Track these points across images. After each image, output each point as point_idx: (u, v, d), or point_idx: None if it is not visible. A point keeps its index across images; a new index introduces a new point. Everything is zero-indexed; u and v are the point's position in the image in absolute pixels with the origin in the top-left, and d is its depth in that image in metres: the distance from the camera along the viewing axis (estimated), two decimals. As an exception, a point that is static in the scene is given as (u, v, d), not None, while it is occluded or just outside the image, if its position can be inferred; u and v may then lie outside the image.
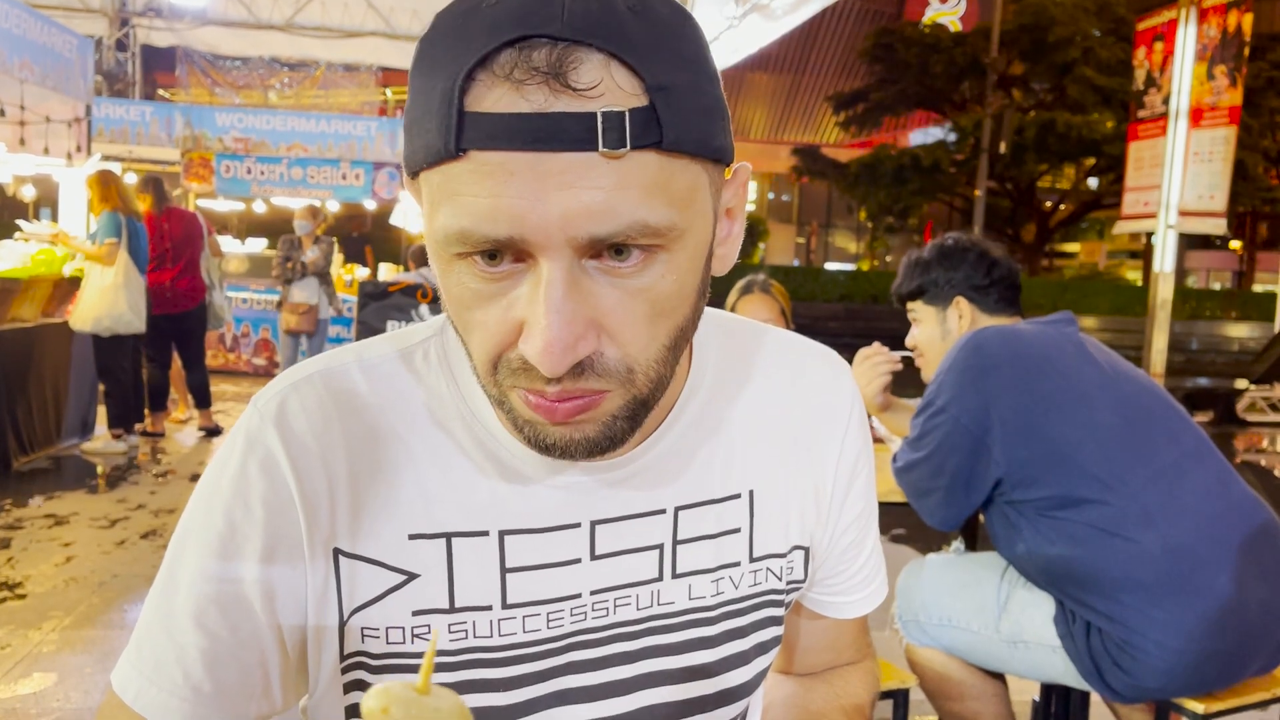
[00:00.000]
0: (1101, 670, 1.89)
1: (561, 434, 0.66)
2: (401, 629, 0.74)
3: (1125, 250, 36.18)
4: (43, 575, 4.03)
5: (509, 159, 0.58)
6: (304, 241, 7.59)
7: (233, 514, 0.72)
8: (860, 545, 0.93)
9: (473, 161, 0.59)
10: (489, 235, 0.60)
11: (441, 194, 0.61)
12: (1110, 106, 23.33)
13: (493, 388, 0.67)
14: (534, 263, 0.61)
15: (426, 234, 0.66)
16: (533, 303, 0.61)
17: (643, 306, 0.63)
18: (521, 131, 0.57)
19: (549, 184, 0.58)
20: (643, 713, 0.80)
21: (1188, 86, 6.97)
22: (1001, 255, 2.25)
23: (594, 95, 0.58)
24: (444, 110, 0.59)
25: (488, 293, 0.63)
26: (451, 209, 0.60)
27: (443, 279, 0.65)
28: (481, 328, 0.64)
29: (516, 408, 0.66)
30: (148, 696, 0.71)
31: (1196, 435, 1.97)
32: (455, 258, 0.63)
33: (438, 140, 0.60)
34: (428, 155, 0.61)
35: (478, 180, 0.59)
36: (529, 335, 0.61)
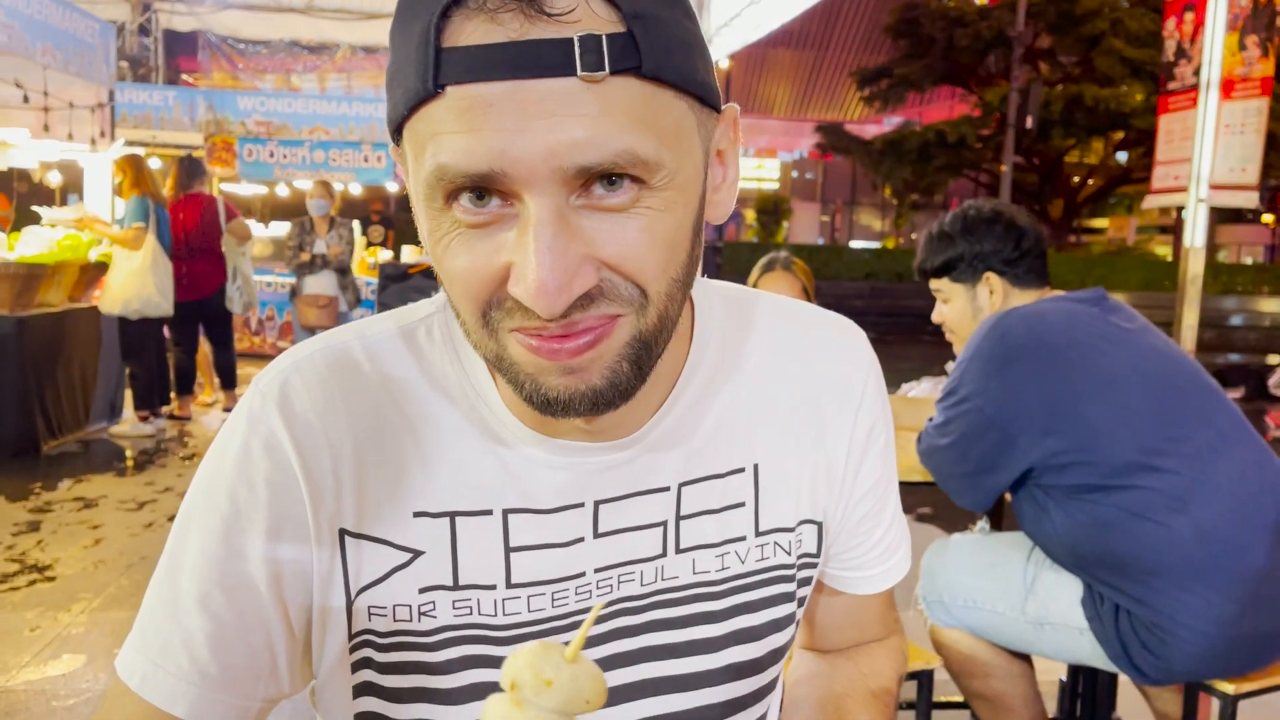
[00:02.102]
0: (1130, 653, 1.86)
1: (564, 385, 0.64)
2: (409, 606, 0.74)
3: (1154, 225, 35.76)
4: (72, 558, 4.07)
5: (487, 90, 0.57)
6: (318, 225, 7.00)
7: (236, 495, 0.71)
8: (877, 518, 0.91)
9: (450, 98, 0.58)
10: (468, 170, 0.58)
11: (424, 137, 0.60)
12: (1139, 79, 23.02)
13: (488, 340, 0.65)
14: (520, 203, 0.60)
15: (413, 193, 0.64)
16: (521, 243, 0.60)
17: (642, 238, 0.62)
18: (498, 62, 0.57)
19: (529, 113, 0.57)
20: (646, 684, 0.79)
21: (1219, 57, 6.85)
22: (1028, 222, 2.16)
23: (570, 21, 0.57)
24: (421, 51, 0.58)
25: (472, 242, 0.62)
26: (433, 149, 0.59)
27: (430, 238, 0.64)
28: (467, 276, 0.62)
29: (516, 359, 0.64)
30: (154, 681, 0.71)
31: (1231, 414, 1.93)
32: (440, 211, 0.61)
33: (416, 82, 0.59)
34: (407, 100, 0.60)
35: (456, 115, 0.58)
36: (519, 276, 0.60)
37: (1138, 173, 24.91)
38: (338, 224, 7.05)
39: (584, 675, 0.53)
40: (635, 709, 0.79)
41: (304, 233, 6.95)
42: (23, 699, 2.86)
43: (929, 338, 14.71)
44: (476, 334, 0.65)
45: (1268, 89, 7.67)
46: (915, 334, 15.21)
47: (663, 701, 0.80)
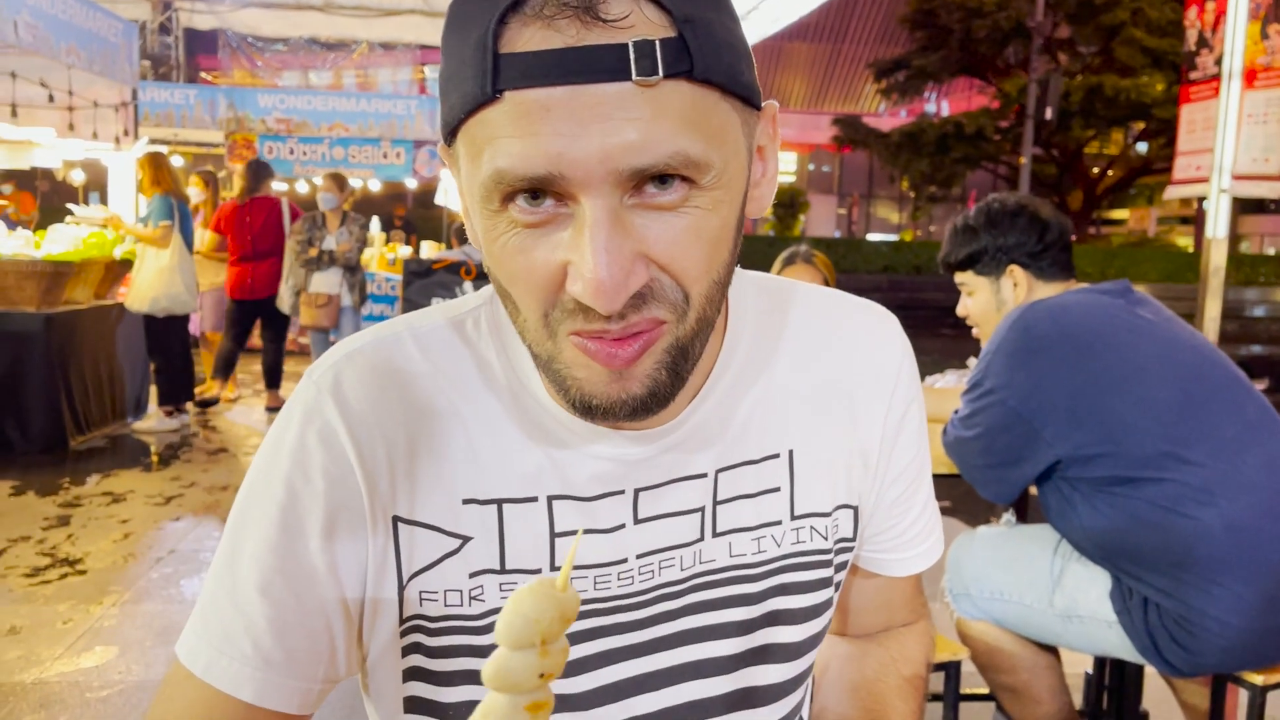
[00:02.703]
0: (1159, 646, 1.86)
1: (608, 393, 0.66)
2: (459, 591, 0.76)
3: (1176, 216, 35.44)
4: (102, 551, 4.12)
5: (545, 95, 0.59)
6: (328, 219, 6.74)
7: (293, 485, 0.73)
8: (910, 499, 0.92)
9: (509, 103, 0.60)
10: (526, 174, 0.60)
11: (480, 141, 0.62)
12: (1160, 69, 22.79)
13: (546, 341, 0.67)
14: (575, 203, 0.62)
15: (467, 194, 0.66)
16: (577, 243, 0.62)
17: (688, 237, 0.64)
18: (556, 66, 0.58)
19: (586, 117, 0.59)
20: (685, 668, 0.81)
21: (1241, 47, 6.79)
22: (1052, 215, 2.17)
23: (624, 26, 0.59)
24: (479, 57, 0.60)
25: (529, 242, 0.63)
26: (491, 153, 0.61)
27: (486, 238, 0.65)
28: (526, 277, 0.64)
29: (570, 361, 0.66)
30: (219, 667, 0.73)
31: (1260, 406, 1.93)
32: (496, 213, 0.63)
33: (474, 87, 0.60)
34: (464, 104, 0.62)
35: (514, 120, 0.60)
36: (577, 275, 0.62)
37: (1158, 163, 24.67)
38: (350, 219, 6.83)
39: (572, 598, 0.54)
40: (675, 693, 0.81)
41: (314, 228, 6.73)
42: (57, 690, 2.90)
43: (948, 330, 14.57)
44: (536, 333, 0.67)
45: (1291, 78, 7.56)
46: (934, 327, 15.14)
47: (701, 685, 0.81)
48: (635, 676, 0.80)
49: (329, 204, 6.73)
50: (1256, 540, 1.78)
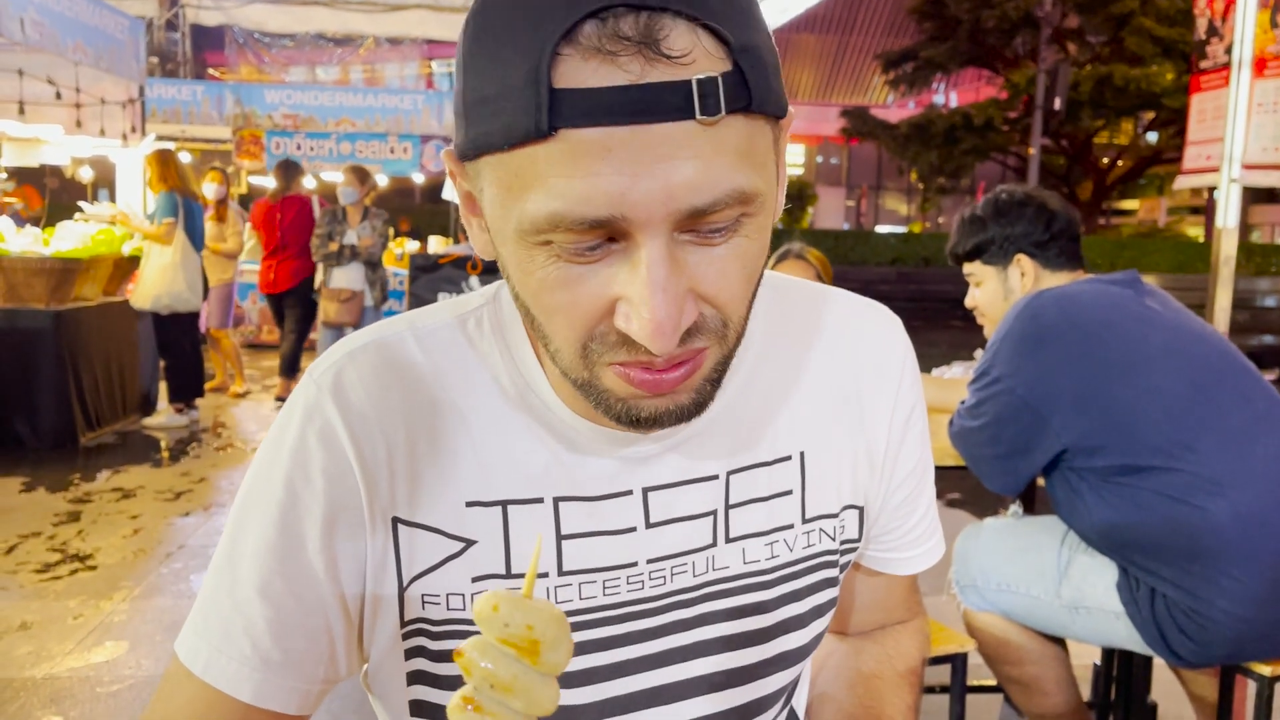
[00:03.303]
0: (1167, 637, 1.85)
1: (657, 405, 0.66)
2: (462, 595, 0.75)
3: (1186, 206, 35.26)
4: (112, 547, 4.14)
5: (607, 135, 0.56)
6: (350, 213, 6.66)
7: (293, 484, 0.73)
8: (915, 501, 0.92)
9: (565, 141, 0.56)
10: (586, 217, 0.57)
11: (525, 177, 0.58)
12: (1170, 58, 22.65)
13: (581, 370, 0.65)
14: (628, 241, 0.60)
15: (497, 220, 0.63)
16: (633, 282, 0.60)
17: (734, 269, 0.63)
18: (619, 105, 0.55)
19: (647, 157, 0.56)
20: (700, 681, 0.80)
21: (1251, 35, 6.74)
22: (1059, 206, 2.17)
23: (687, 62, 0.56)
24: (530, 89, 0.56)
25: (574, 276, 0.61)
26: (542, 193, 0.58)
27: (520, 266, 0.63)
28: (569, 310, 0.62)
29: (610, 387, 0.65)
30: (218, 667, 0.73)
31: (1269, 396, 1.92)
32: (538, 245, 0.60)
33: (523, 120, 0.57)
34: (508, 137, 0.58)
35: (572, 160, 0.57)
36: (634, 315, 0.60)
37: (1168, 153, 24.56)
38: (371, 214, 6.76)
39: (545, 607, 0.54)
40: (688, 707, 0.80)
41: (334, 222, 6.65)
42: (68, 685, 2.92)
43: (957, 323, 14.55)
44: (569, 361, 0.65)
45: (1302, 66, 7.52)
46: (943, 319, 15.10)
47: (715, 699, 0.81)
48: (647, 690, 0.79)
49: (350, 198, 6.66)
50: (1265, 531, 1.77)
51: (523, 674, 0.53)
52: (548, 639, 0.53)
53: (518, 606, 0.53)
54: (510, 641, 0.53)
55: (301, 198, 7.39)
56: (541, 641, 0.53)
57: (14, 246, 5.81)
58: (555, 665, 0.54)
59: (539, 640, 0.53)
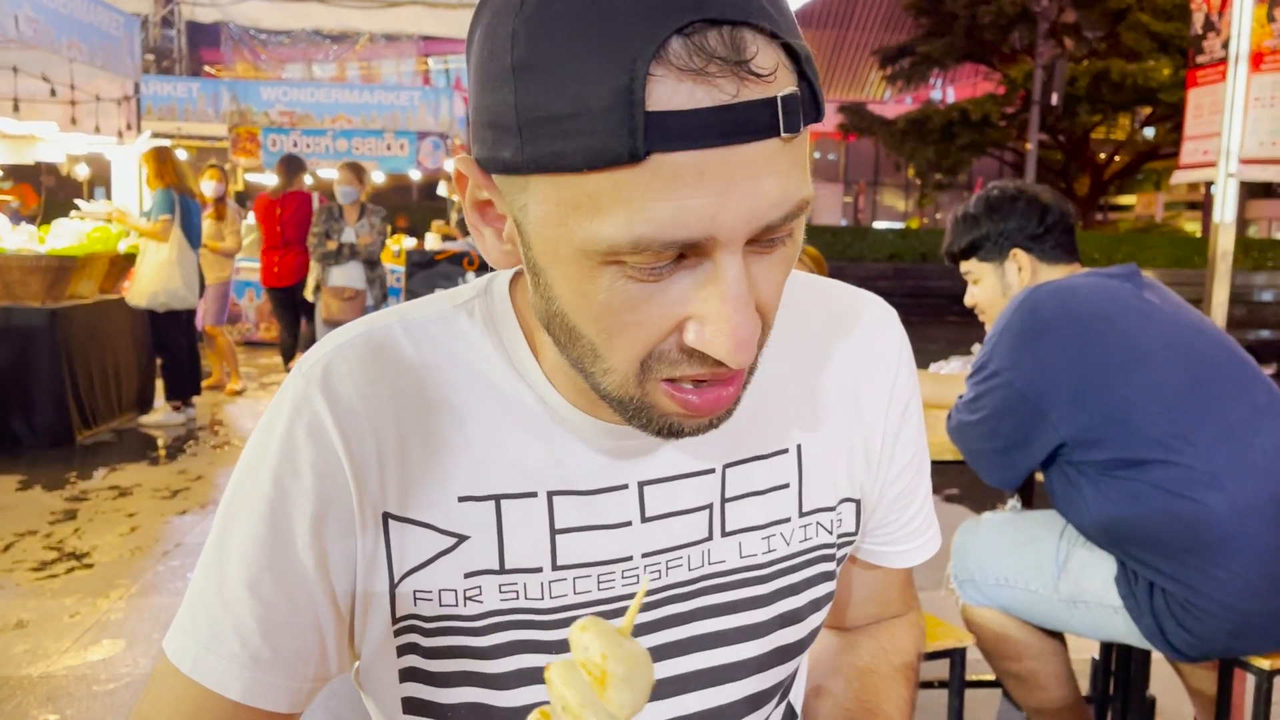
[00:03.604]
0: (1165, 631, 1.85)
1: (698, 423, 0.67)
2: (454, 591, 0.74)
3: (1183, 201, 35.28)
4: (109, 545, 4.13)
5: (700, 158, 0.55)
6: (347, 212, 6.55)
7: (282, 480, 0.71)
8: (912, 493, 0.91)
9: (655, 164, 0.55)
10: (674, 240, 0.56)
11: (605, 200, 0.56)
12: (1167, 53, 22.66)
13: (634, 389, 0.64)
14: (702, 256, 0.59)
15: (548, 239, 0.61)
16: (709, 298, 0.59)
17: (781, 274, 0.64)
18: (713, 127, 0.54)
19: (738, 177, 0.56)
20: (698, 675, 0.79)
21: (1248, 29, 6.73)
22: (1052, 199, 2.16)
23: (771, 80, 0.56)
24: (620, 111, 0.54)
25: (643, 295, 0.60)
26: (625, 216, 0.56)
27: (577, 286, 0.61)
28: (634, 329, 0.61)
29: (658, 403, 0.65)
30: (206, 665, 0.72)
31: (1268, 389, 1.91)
32: (606, 265, 0.59)
33: (612, 144, 0.54)
34: (588, 160, 0.55)
35: (663, 184, 0.55)
36: (711, 331, 0.59)
37: (1165, 148, 24.58)
38: (369, 211, 6.64)
39: (638, 650, 0.54)
40: (684, 702, 0.79)
41: (331, 220, 6.54)
42: (64, 684, 2.91)
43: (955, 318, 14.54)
44: (621, 380, 0.64)
45: (1299, 60, 7.51)
46: (941, 315, 15.11)
47: (712, 694, 0.80)
48: None
49: (350, 197, 6.55)
50: (1262, 524, 1.76)
51: (592, 704, 0.52)
52: (616, 675, 0.52)
53: (600, 634, 0.53)
54: (586, 667, 0.53)
55: (303, 193, 7.50)
56: (610, 675, 0.52)
57: (9, 244, 5.80)
58: (621, 705, 0.52)
59: (608, 674, 0.52)
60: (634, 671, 0.53)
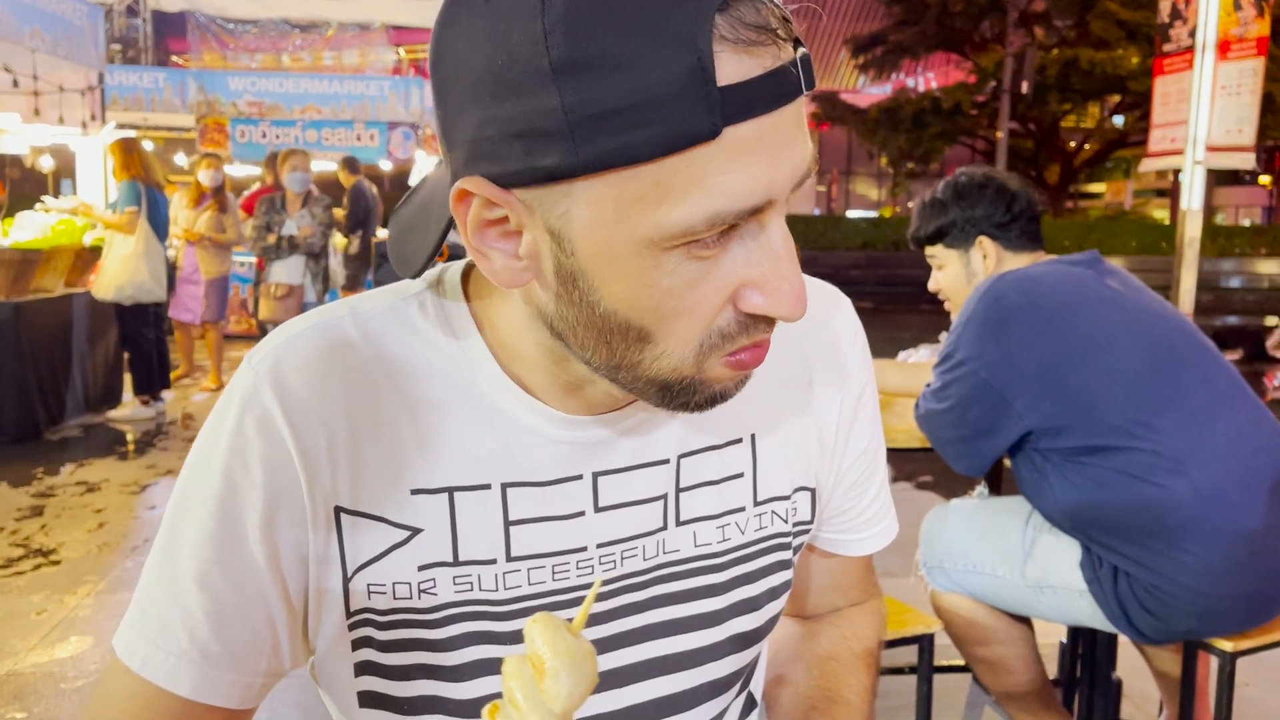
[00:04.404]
0: (1129, 614, 1.87)
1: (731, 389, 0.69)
2: (408, 584, 0.73)
3: (1151, 189, 35.62)
4: (76, 541, 4.09)
5: (760, 125, 0.57)
6: (290, 202, 6.20)
7: (231, 474, 0.70)
8: (868, 481, 0.92)
9: (727, 138, 0.56)
10: (744, 209, 0.59)
11: (675, 183, 0.57)
12: (1135, 41, 22.81)
13: (689, 369, 0.65)
14: (752, 222, 0.61)
15: (602, 239, 0.60)
16: (762, 261, 0.62)
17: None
18: (767, 93, 0.57)
19: (784, 138, 0.59)
20: (653, 663, 0.79)
21: (1214, 18, 6.79)
22: (1019, 187, 2.18)
23: (788, 42, 0.59)
24: (694, 91, 0.55)
25: (703, 271, 0.61)
26: (699, 194, 0.57)
27: (643, 276, 0.60)
28: (694, 308, 0.62)
29: (714, 378, 0.67)
30: (155, 662, 0.71)
31: (1229, 375, 1.93)
32: (671, 250, 0.59)
33: (691, 125, 0.55)
34: (664, 145, 0.56)
35: (732, 156, 0.57)
36: (770, 289, 0.62)
37: (1134, 136, 24.76)
38: (312, 200, 6.31)
39: (585, 646, 0.55)
40: (641, 690, 0.79)
41: (272, 211, 6.20)
42: (31, 681, 2.88)
43: (927, 307, 14.64)
44: (676, 359, 0.65)
45: (1263, 49, 7.61)
46: (913, 303, 15.19)
47: (668, 681, 0.80)
48: (602, 673, 0.77)
49: (300, 184, 6.24)
50: (1225, 508, 1.78)
51: (533, 696, 0.53)
52: (550, 668, 0.53)
53: (546, 629, 0.54)
54: (531, 661, 0.54)
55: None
56: (548, 669, 0.53)
57: (-28, 238, 5.71)
58: (556, 698, 0.53)
59: (546, 667, 0.53)
60: (573, 666, 0.53)
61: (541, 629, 0.54)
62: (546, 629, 0.54)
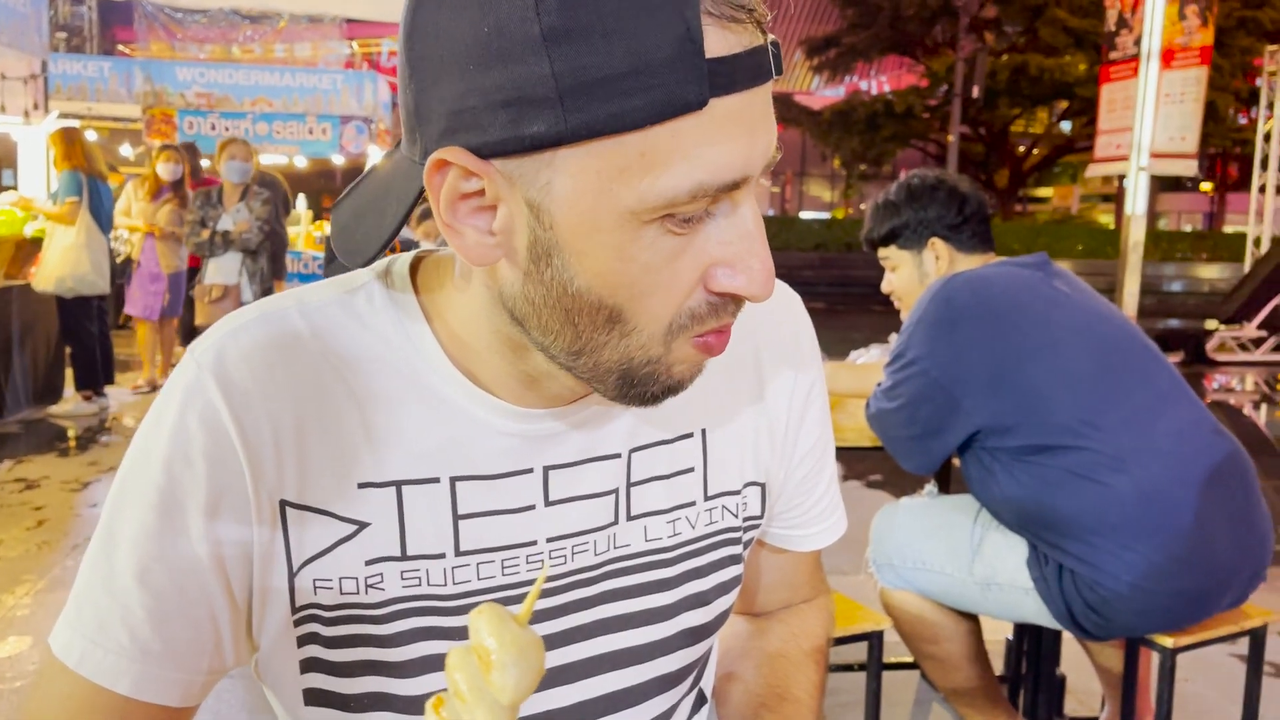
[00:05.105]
0: (1073, 611, 1.90)
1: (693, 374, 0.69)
2: (355, 579, 0.72)
3: (1097, 194, 36.31)
4: (14, 539, 3.99)
5: (740, 100, 0.59)
6: (227, 194, 5.73)
7: (173, 468, 0.69)
8: (817, 477, 0.92)
9: (712, 109, 0.58)
10: (725, 182, 0.60)
11: (659, 153, 0.58)
12: (1083, 48, 23.25)
13: (658, 348, 0.65)
14: (724, 200, 0.62)
15: (583, 210, 0.60)
16: (735, 239, 0.63)
17: None
18: (749, 69, 0.59)
19: (760, 115, 0.61)
20: (602, 658, 0.79)
21: (1159, 27, 6.94)
22: (970, 189, 2.21)
23: (766, 26, 0.61)
24: (685, 59, 0.56)
25: (679, 247, 0.62)
26: (684, 165, 0.58)
27: (623, 250, 0.61)
28: (668, 285, 0.63)
29: (679, 359, 0.67)
30: (93, 660, 0.69)
31: (1170, 376, 1.97)
32: (650, 223, 0.60)
33: (681, 93, 0.57)
34: (652, 114, 0.57)
35: (717, 128, 0.58)
36: (741, 267, 0.63)
37: (1081, 142, 25.21)
38: (251, 194, 5.80)
39: (530, 637, 0.54)
40: (592, 685, 0.79)
41: (207, 205, 5.72)
42: (-34, 684, 2.80)
43: (879, 307, 14.79)
44: (647, 342, 0.65)
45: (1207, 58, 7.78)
46: (865, 304, 15.33)
47: (619, 676, 0.80)
48: (551, 669, 0.77)
49: (240, 174, 5.76)
50: (1166, 506, 1.82)
51: (479, 688, 0.52)
52: (499, 660, 0.52)
53: (491, 619, 0.53)
54: (477, 652, 0.53)
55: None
56: (494, 660, 0.52)
57: (-94, 228, 5.55)
58: (503, 689, 0.52)
59: (492, 658, 0.52)
60: (520, 656, 0.52)
61: (487, 620, 0.53)
62: (492, 620, 0.53)
